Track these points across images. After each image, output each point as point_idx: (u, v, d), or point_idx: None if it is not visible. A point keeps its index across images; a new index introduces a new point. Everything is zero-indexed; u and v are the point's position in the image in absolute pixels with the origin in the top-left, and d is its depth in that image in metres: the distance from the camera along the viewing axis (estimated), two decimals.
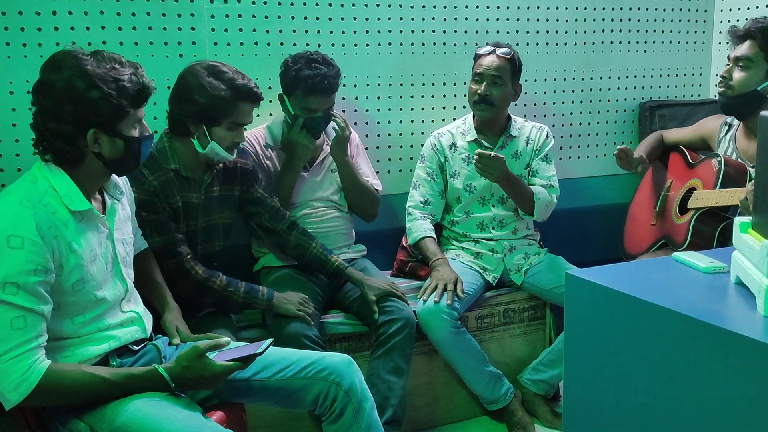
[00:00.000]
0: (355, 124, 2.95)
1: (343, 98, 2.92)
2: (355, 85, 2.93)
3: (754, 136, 2.46)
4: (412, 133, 3.06)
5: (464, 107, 2.76)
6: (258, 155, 2.59)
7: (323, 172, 2.69)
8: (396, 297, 2.45)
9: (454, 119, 2.94)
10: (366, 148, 2.94)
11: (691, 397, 1.16)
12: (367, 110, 2.97)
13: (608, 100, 3.44)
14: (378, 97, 2.99)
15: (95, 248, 1.66)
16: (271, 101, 2.65)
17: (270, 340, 1.74)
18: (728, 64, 2.50)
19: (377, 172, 2.94)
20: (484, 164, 2.53)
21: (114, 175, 1.77)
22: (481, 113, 2.68)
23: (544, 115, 3.30)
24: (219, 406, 1.84)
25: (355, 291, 2.52)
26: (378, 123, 3.00)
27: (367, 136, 2.98)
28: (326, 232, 2.66)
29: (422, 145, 2.87)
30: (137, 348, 1.79)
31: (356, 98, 2.95)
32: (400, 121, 3.04)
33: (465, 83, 2.98)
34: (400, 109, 3.03)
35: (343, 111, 2.92)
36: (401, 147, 3.06)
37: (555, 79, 3.30)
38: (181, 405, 1.61)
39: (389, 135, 3.03)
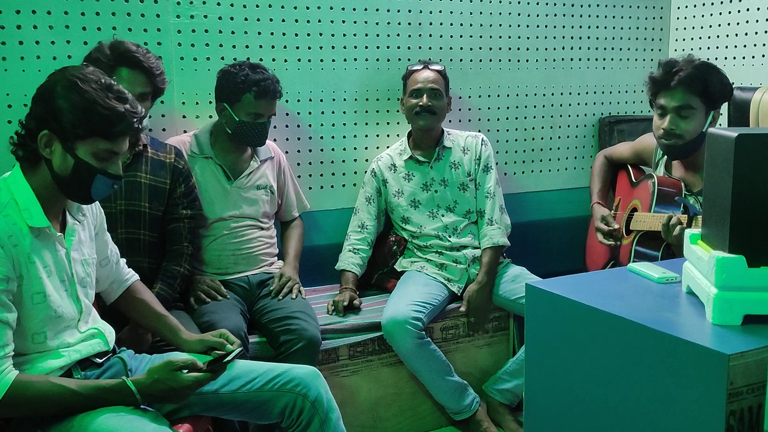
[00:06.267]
0: (310, 138, 2.98)
1: (310, 113, 2.95)
2: (321, 100, 2.96)
3: (692, 168, 2.45)
4: (366, 148, 3.09)
5: None
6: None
7: (249, 187, 2.64)
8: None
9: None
10: (321, 162, 2.99)
11: (645, 402, 1.20)
12: (321, 124, 3.00)
13: (569, 115, 3.52)
14: (355, 111, 3.04)
15: (50, 265, 1.66)
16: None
17: (239, 349, 1.77)
18: (658, 111, 2.42)
19: (332, 186, 3.03)
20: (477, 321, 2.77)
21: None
22: (424, 122, 2.79)
23: (507, 130, 3.37)
24: (186, 419, 1.84)
25: (266, 310, 2.47)
26: (333, 137, 3.02)
27: (322, 150, 3.01)
28: (247, 253, 2.62)
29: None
30: (101, 361, 1.79)
31: (333, 112, 2.98)
32: (355, 136, 3.06)
33: None
34: (355, 124, 3.06)
35: (310, 125, 2.95)
36: (356, 160, 3.08)
37: (517, 95, 3.37)
38: (148, 418, 1.61)
39: (344, 150, 3.05)
